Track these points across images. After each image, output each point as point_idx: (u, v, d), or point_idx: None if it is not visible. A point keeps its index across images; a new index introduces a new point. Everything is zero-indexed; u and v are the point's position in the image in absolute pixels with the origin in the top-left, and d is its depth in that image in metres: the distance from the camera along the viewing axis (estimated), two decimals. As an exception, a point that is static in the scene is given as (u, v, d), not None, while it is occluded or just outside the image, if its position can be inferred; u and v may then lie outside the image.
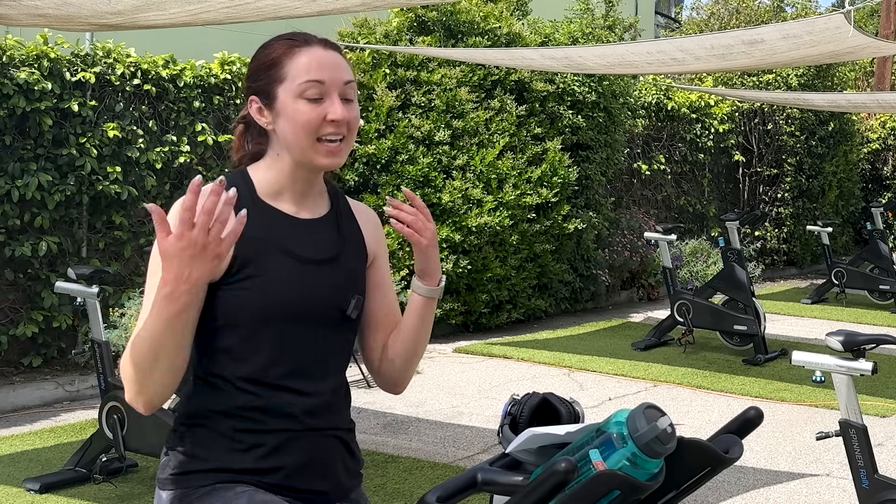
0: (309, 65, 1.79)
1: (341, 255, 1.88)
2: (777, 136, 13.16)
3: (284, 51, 1.81)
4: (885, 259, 10.89)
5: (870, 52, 6.92)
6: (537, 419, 1.69)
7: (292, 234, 1.84)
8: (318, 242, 1.86)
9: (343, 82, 1.81)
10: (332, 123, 1.78)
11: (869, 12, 22.33)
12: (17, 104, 6.17)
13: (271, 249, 1.80)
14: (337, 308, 1.86)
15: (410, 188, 8.08)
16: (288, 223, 1.84)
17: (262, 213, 1.82)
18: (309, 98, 1.78)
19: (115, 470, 4.66)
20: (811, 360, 3.64)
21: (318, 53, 1.80)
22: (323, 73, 1.79)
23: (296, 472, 1.82)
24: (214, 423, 1.81)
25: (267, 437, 1.80)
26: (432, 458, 5.12)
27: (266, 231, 1.81)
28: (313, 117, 1.78)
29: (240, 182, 1.84)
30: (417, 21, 8.63)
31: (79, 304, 4.82)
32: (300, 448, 1.82)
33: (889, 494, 3.60)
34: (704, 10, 20.12)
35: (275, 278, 1.78)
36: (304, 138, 1.79)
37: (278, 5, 4.37)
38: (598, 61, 6.85)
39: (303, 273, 1.82)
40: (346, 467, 1.91)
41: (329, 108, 1.78)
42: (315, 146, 1.79)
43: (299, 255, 1.83)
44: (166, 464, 1.84)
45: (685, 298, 7.93)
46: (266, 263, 1.79)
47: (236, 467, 1.79)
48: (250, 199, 1.82)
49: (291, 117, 1.78)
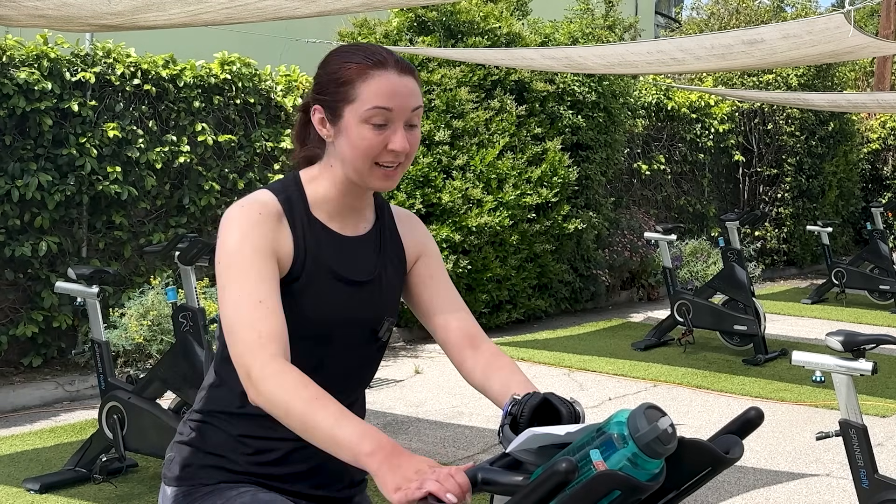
0: (379, 91, 1.75)
1: (381, 275, 1.89)
2: (777, 136, 13.16)
3: (359, 71, 1.76)
4: (885, 259, 10.89)
5: (870, 52, 6.92)
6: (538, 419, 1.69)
7: (337, 254, 1.83)
8: (359, 262, 1.86)
9: (411, 110, 1.78)
10: (391, 153, 1.76)
11: (869, 12, 22.33)
12: (17, 104, 6.17)
13: (320, 268, 1.80)
14: (369, 329, 1.87)
15: (410, 188, 8.08)
16: (333, 241, 1.84)
17: (313, 229, 1.82)
18: (374, 124, 1.75)
19: (115, 470, 4.66)
20: (811, 360, 3.64)
21: (392, 79, 1.76)
22: (392, 101, 1.75)
23: (301, 480, 1.83)
24: (225, 423, 1.81)
25: (275, 444, 1.80)
26: (432, 458, 5.12)
27: (317, 249, 1.81)
28: (375, 143, 1.75)
29: (293, 193, 1.82)
30: (417, 21, 8.63)
31: (79, 304, 4.82)
32: (307, 456, 1.82)
33: (889, 494, 3.60)
34: (704, 10, 20.12)
35: (316, 296, 1.79)
36: (361, 162, 1.77)
37: (279, 6, 4.38)
38: (598, 61, 6.86)
39: (342, 293, 1.82)
40: (352, 474, 1.92)
41: (391, 136, 1.75)
42: (372, 170, 1.78)
43: (341, 276, 1.83)
44: (172, 459, 1.84)
45: (685, 298, 7.93)
46: (310, 280, 1.79)
47: (241, 469, 1.80)
48: (304, 213, 1.82)
49: (353, 141, 1.76)
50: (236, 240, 1.72)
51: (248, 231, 1.72)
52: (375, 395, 6.33)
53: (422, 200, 8.08)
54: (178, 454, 1.84)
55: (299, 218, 1.80)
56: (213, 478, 1.80)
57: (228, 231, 1.73)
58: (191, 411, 1.87)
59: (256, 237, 1.72)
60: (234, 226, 1.73)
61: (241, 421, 1.80)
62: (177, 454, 1.84)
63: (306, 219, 1.81)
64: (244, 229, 1.72)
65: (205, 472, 1.81)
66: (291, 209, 1.80)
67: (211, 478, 1.80)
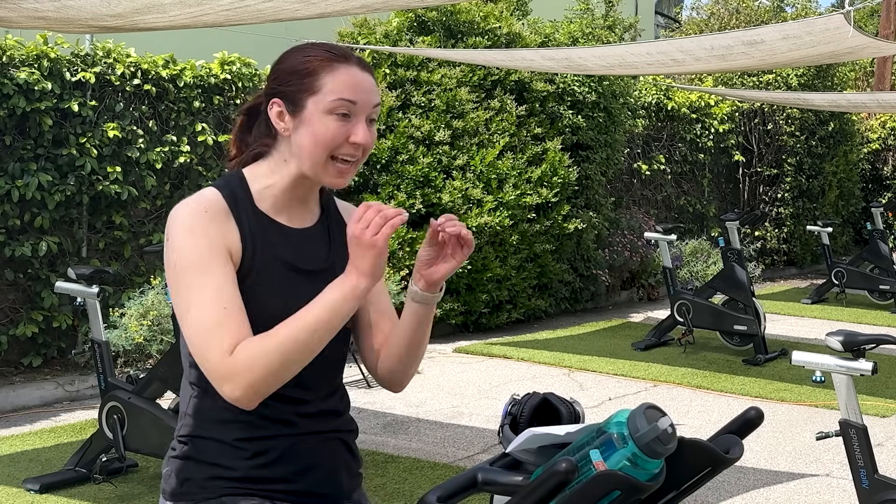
0: (346, 83, 1.78)
1: (335, 264, 1.88)
2: (777, 136, 13.16)
3: (323, 63, 1.79)
4: (885, 259, 10.89)
5: (870, 52, 6.92)
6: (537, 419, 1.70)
7: (287, 245, 1.84)
8: (311, 252, 1.87)
9: (372, 105, 1.81)
10: (352, 145, 1.79)
11: (869, 12, 22.33)
12: (17, 104, 6.17)
13: (272, 260, 1.81)
14: None
15: (410, 188, 8.08)
16: (282, 233, 1.84)
17: (260, 222, 1.82)
18: (339, 114, 1.77)
19: (115, 470, 4.66)
20: (811, 360, 3.64)
21: (356, 73, 1.80)
22: (357, 94, 1.78)
23: (300, 478, 1.82)
24: (216, 431, 1.79)
25: (270, 443, 1.79)
26: (432, 458, 5.12)
27: (265, 242, 1.81)
28: (338, 134, 1.77)
29: (237, 187, 1.83)
30: (417, 21, 8.63)
31: (79, 304, 4.82)
32: (304, 453, 1.82)
33: (889, 494, 3.60)
34: (704, 11, 20.11)
35: (272, 289, 1.79)
36: (320, 153, 1.78)
37: (278, 8, 4.37)
38: (598, 62, 6.86)
39: (298, 283, 1.82)
40: (349, 469, 1.92)
41: (354, 129, 1.78)
42: (327, 163, 1.79)
43: (294, 266, 1.83)
44: (169, 474, 1.82)
45: (685, 298, 7.93)
46: (263, 274, 1.79)
47: (240, 476, 1.78)
48: (249, 207, 1.82)
49: (316, 130, 1.77)
50: (189, 242, 1.72)
51: (200, 231, 1.73)
52: (375, 395, 6.33)
53: (422, 200, 8.08)
54: (175, 469, 1.81)
55: (244, 212, 1.80)
56: (214, 491, 1.78)
57: (179, 232, 1.73)
58: (179, 426, 1.85)
59: (212, 235, 1.73)
60: (184, 226, 1.73)
61: (232, 426, 1.78)
62: (173, 469, 1.82)
63: (252, 212, 1.81)
64: (195, 229, 1.73)
65: (206, 485, 1.78)
66: (236, 203, 1.80)
67: (213, 491, 1.78)
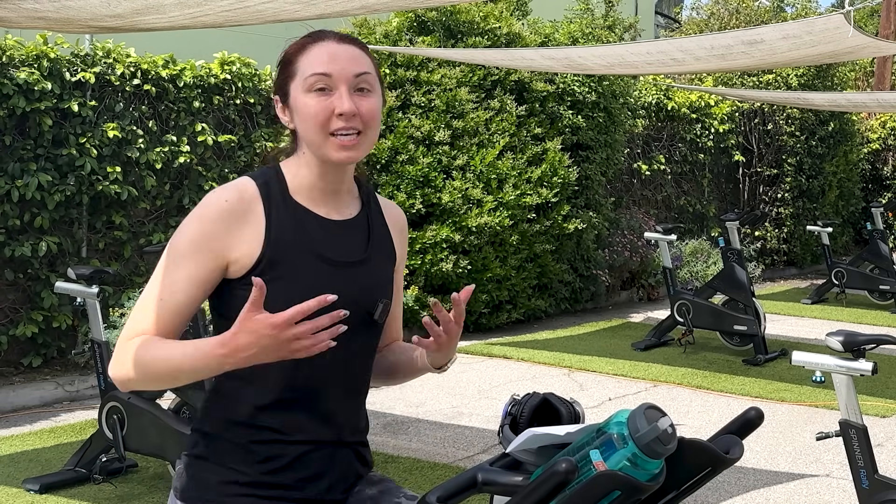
0: (316, 58, 1.76)
1: (371, 258, 1.86)
2: (777, 136, 13.17)
3: (298, 48, 1.80)
4: (885, 259, 10.89)
5: (870, 52, 6.92)
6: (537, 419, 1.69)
7: (323, 236, 1.80)
8: (348, 245, 1.83)
9: (353, 74, 1.77)
10: (340, 117, 1.75)
11: (869, 12, 22.33)
12: (17, 104, 6.17)
13: (302, 251, 1.77)
14: (364, 312, 1.82)
15: (410, 188, 8.08)
16: (319, 224, 1.81)
17: (294, 213, 1.79)
18: (316, 90, 1.75)
19: (115, 470, 4.66)
20: (811, 360, 3.65)
21: (330, 47, 1.78)
22: (331, 66, 1.75)
23: (310, 485, 1.79)
24: (232, 433, 1.77)
25: (284, 449, 1.77)
26: (432, 458, 5.12)
27: (296, 232, 1.78)
28: (320, 110, 1.75)
29: (272, 179, 1.82)
30: (417, 21, 8.63)
31: (79, 304, 4.82)
32: (316, 460, 1.79)
33: (889, 495, 3.60)
34: (704, 10, 20.12)
35: (303, 281, 1.75)
36: (315, 133, 1.76)
37: (278, 9, 4.37)
38: (598, 62, 6.85)
39: (332, 276, 1.78)
40: (360, 476, 1.90)
41: (335, 101, 1.75)
42: (328, 141, 1.76)
43: (329, 258, 1.79)
44: (182, 472, 1.81)
45: (685, 298, 7.93)
46: (295, 265, 1.75)
47: (250, 480, 1.76)
48: (281, 198, 1.80)
49: (301, 113, 1.77)
50: (190, 228, 1.73)
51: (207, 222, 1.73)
52: (375, 396, 6.33)
53: (422, 200, 8.08)
54: (189, 468, 1.80)
55: (276, 202, 1.78)
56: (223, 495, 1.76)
57: (193, 214, 1.75)
58: (196, 421, 1.84)
59: (212, 234, 1.72)
60: (199, 211, 1.74)
61: (247, 429, 1.77)
62: (187, 468, 1.81)
63: (286, 203, 1.79)
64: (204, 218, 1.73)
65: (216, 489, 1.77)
66: (269, 193, 1.78)
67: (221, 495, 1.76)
